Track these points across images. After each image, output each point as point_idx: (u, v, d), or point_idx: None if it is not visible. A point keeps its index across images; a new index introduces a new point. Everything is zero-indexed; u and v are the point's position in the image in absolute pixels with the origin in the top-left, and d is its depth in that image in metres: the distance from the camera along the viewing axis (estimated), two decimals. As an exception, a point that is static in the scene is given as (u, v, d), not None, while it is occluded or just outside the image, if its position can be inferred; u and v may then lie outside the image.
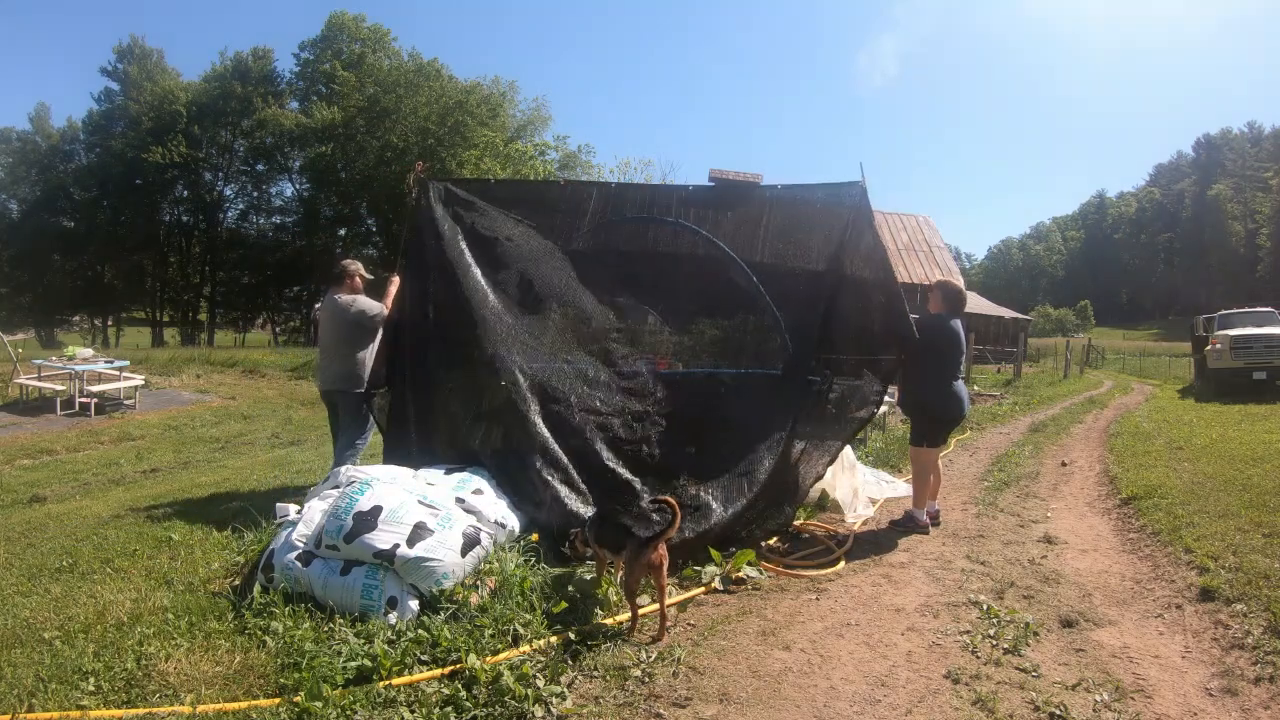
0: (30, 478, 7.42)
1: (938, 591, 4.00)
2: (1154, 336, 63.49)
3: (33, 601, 3.62)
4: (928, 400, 5.18)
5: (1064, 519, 5.61)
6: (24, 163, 41.61)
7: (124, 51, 42.99)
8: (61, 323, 44.09)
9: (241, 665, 2.91)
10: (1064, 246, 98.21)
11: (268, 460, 8.19)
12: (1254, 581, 3.88)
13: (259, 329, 47.88)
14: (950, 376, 5.13)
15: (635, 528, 3.40)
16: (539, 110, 42.00)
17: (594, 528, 3.64)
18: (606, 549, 3.56)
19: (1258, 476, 6.22)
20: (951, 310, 5.28)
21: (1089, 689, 2.93)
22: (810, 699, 2.85)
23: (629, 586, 3.33)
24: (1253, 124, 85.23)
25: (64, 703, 2.66)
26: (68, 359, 11.92)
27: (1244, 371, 13.69)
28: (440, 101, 38.67)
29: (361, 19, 44.74)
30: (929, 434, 5.26)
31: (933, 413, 5.22)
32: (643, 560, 3.26)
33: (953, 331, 5.17)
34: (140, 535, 4.71)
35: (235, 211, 46.23)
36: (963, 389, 5.26)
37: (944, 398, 5.10)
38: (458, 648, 2.97)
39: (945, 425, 5.48)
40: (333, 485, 4.19)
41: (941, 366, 5.09)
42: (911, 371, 5.11)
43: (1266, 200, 69.74)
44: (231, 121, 42.98)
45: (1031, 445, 9.03)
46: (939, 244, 23.80)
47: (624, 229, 5.54)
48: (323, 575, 3.46)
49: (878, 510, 5.75)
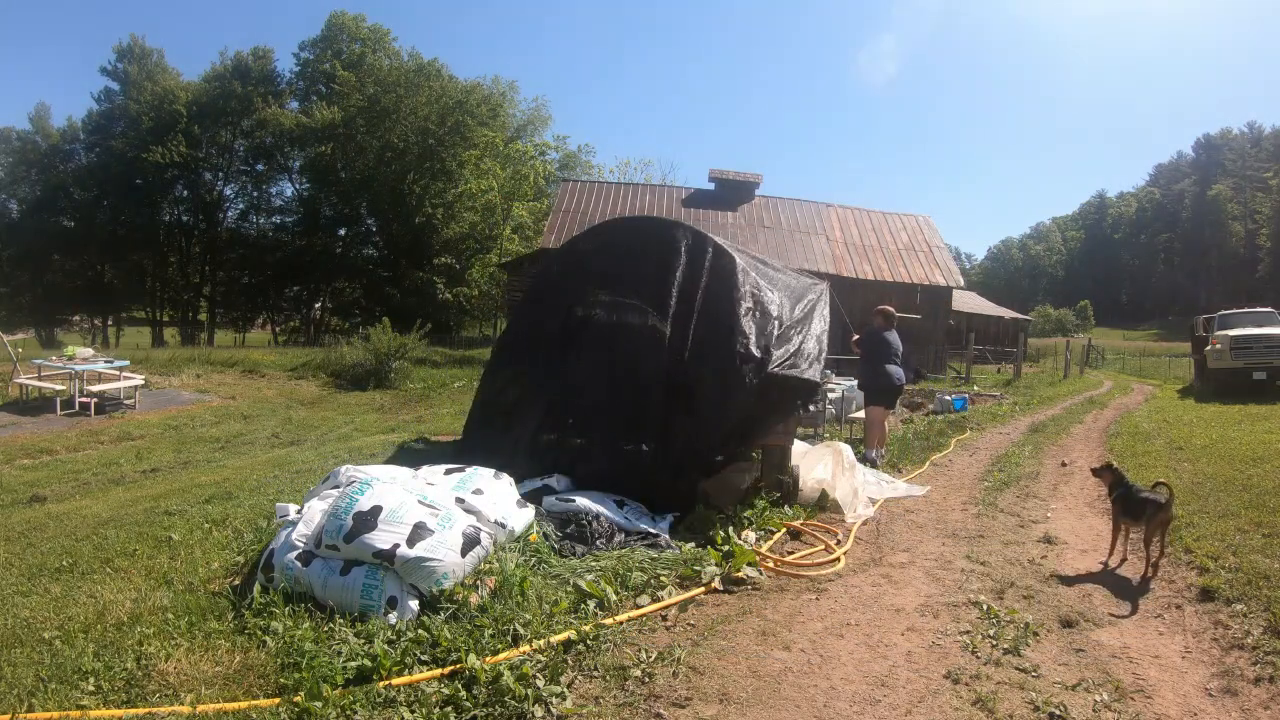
0: (30, 477, 7.43)
1: (938, 591, 4.00)
2: (1154, 336, 63.43)
3: (33, 601, 3.62)
4: (868, 378, 7.94)
5: (1064, 519, 5.61)
6: (24, 163, 41.54)
7: (124, 51, 42.94)
8: (61, 323, 44.01)
9: (241, 665, 2.91)
10: (1064, 246, 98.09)
11: (268, 460, 8.19)
12: (1254, 581, 3.88)
13: (259, 329, 47.85)
14: (883, 363, 7.76)
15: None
16: (539, 110, 42.16)
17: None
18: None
19: (1258, 476, 6.22)
20: (886, 325, 7.97)
21: (1089, 689, 2.93)
22: (810, 699, 2.85)
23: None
24: (1253, 124, 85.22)
25: (64, 703, 2.66)
26: (68, 359, 11.91)
27: (1244, 371, 13.68)
28: (440, 101, 38.71)
29: (361, 19, 44.84)
30: (874, 398, 7.88)
31: (873, 385, 7.88)
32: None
33: (882, 338, 7.88)
34: (140, 535, 4.71)
35: (235, 211, 46.26)
36: (896, 370, 7.82)
37: (878, 376, 7.80)
38: (458, 648, 2.97)
39: (885, 393, 7.89)
40: (333, 485, 4.19)
41: (876, 359, 7.81)
42: (860, 363, 8.16)
43: (1266, 200, 69.63)
44: (231, 121, 42.94)
45: (1031, 445, 9.03)
46: (939, 244, 23.79)
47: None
48: (323, 575, 3.46)
49: (878, 510, 5.75)
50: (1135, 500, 4.30)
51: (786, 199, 25.14)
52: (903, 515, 5.71)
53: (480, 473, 4.44)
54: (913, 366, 17.69)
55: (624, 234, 6.53)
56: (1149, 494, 4.28)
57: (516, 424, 5.72)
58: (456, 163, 37.84)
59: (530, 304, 6.69)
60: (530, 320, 6.33)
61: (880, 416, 7.82)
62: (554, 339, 5.82)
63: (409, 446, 8.11)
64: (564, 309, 5.93)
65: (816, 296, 6.50)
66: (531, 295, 6.91)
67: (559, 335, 5.82)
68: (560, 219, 22.78)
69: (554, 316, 5.97)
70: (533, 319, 6.30)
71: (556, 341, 5.80)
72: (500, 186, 32.77)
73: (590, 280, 5.88)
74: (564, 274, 6.26)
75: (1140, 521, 4.27)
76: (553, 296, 6.22)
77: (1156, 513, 4.15)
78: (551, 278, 6.63)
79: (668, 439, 5.23)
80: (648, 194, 25.41)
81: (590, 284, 5.86)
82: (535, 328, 6.12)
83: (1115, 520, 4.52)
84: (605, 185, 26.83)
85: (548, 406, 5.62)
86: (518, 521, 4.17)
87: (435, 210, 39.65)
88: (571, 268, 6.20)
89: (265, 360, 17.80)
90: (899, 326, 8.26)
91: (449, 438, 8.30)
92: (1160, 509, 4.14)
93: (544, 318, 6.10)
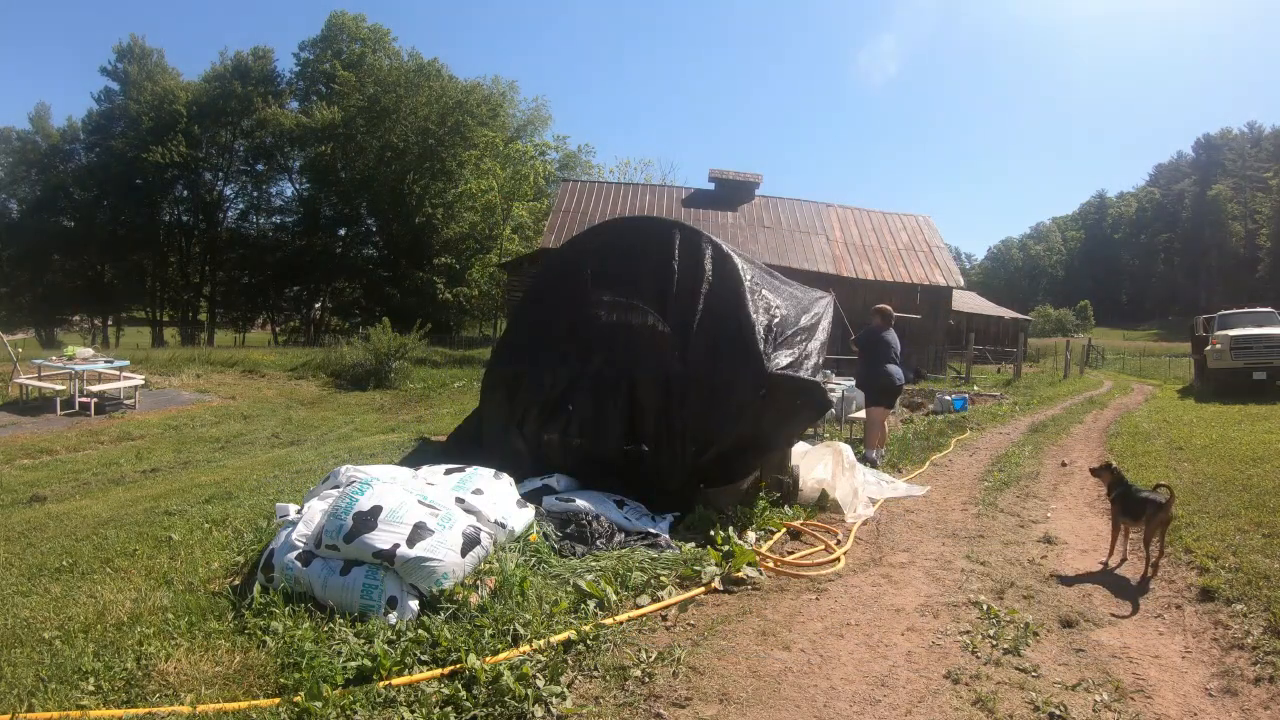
0: (30, 477, 7.43)
1: (938, 591, 4.00)
2: (1154, 336, 63.41)
3: (33, 601, 3.62)
4: (868, 378, 7.88)
5: (1064, 519, 5.61)
6: (24, 163, 41.55)
7: (124, 51, 42.95)
8: (61, 323, 44.02)
9: (241, 665, 2.91)
10: (1064, 246, 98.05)
11: (268, 460, 8.19)
12: (1254, 581, 3.88)
13: (259, 329, 47.85)
14: (882, 363, 7.74)
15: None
16: (539, 110, 42.15)
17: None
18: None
19: (1258, 476, 6.22)
20: (884, 324, 7.93)
21: (1089, 689, 2.93)
22: (810, 699, 2.85)
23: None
24: (1253, 124, 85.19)
25: (64, 703, 2.66)
26: (68, 359, 11.91)
27: (1244, 371, 13.67)
28: (440, 101, 38.70)
29: (361, 19, 44.86)
30: (874, 398, 7.83)
31: (872, 385, 7.82)
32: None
33: (879, 338, 7.85)
34: (140, 535, 4.71)
35: (235, 211, 46.28)
36: (895, 369, 7.78)
37: (877, 376, 7.76)
38: (458, 648, 2.97)
39: (885, 392, 7.86)
40: (333, 485, 4.19)
41: (875, 358, 7.80)
42: (859, 363, 8.14)
43: (1266, 200, 69.62)
44: (231, 121, 42.94)
45: (1031, 445, 9.03)
46: (939, 244, 23.79)
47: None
48: (323, 575, 3.46)
49: (878, 510, 5.75)
50: (1134, 500, 4.30)
51: (786, 199, 25.14)
52: (903, 515, 5.71)
53: (480, 473, 4.44)
54: (912, 366, 17.70)
55: (624, 234, 6.52)
56: (1148, 494, 4.28)
57: (516, 424, 5.72)
58: (456, 163, 37.84)
59: (530, 304, 6.68)
60: (530, 320, 6.33)
61: (880, 416, 7.82)
62: (554, 339, 5.82)
63: (409, 446, 8.11)
64: (564, 309, 5.93)
65: (822, 310, 6.41)
66: (532, 295, 6.90)
67: (559, 335, 5.81)
68: (560, 219, 22.78)
69: (554, 316, 5.97)
70: (533, 319, 6.30)
71: (557, 341, 5.79)
72: (500, 186, 32.78)
73: (590, 280, 5.88)
74: (564, 274, 6.25)
75: (1140, 521, 4.27)
76: (553, 296, 6.22)
77: (1156, 513, 4.15)
78: (552, 278, 6.63)
79: (668, 439, 5.23)
80: (648, 194, 25.40)
81: (590, 284, 5.85)
82: (535, 328, 6.12)
83: (1114, 520, 4.52)
84: (605, 185, 26.83)
85: (548, 406, 5.62)
86: (518, 521, 4.17)
87: (435, 210, 39.65)
88: (572, 268, 6.19)
89: (265, 360, 17.80)
90: (898, 326, 8.23)
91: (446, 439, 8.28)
92: (1160, 509, 4.14)
93: (544, 318, 6.09)
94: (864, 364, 7.95)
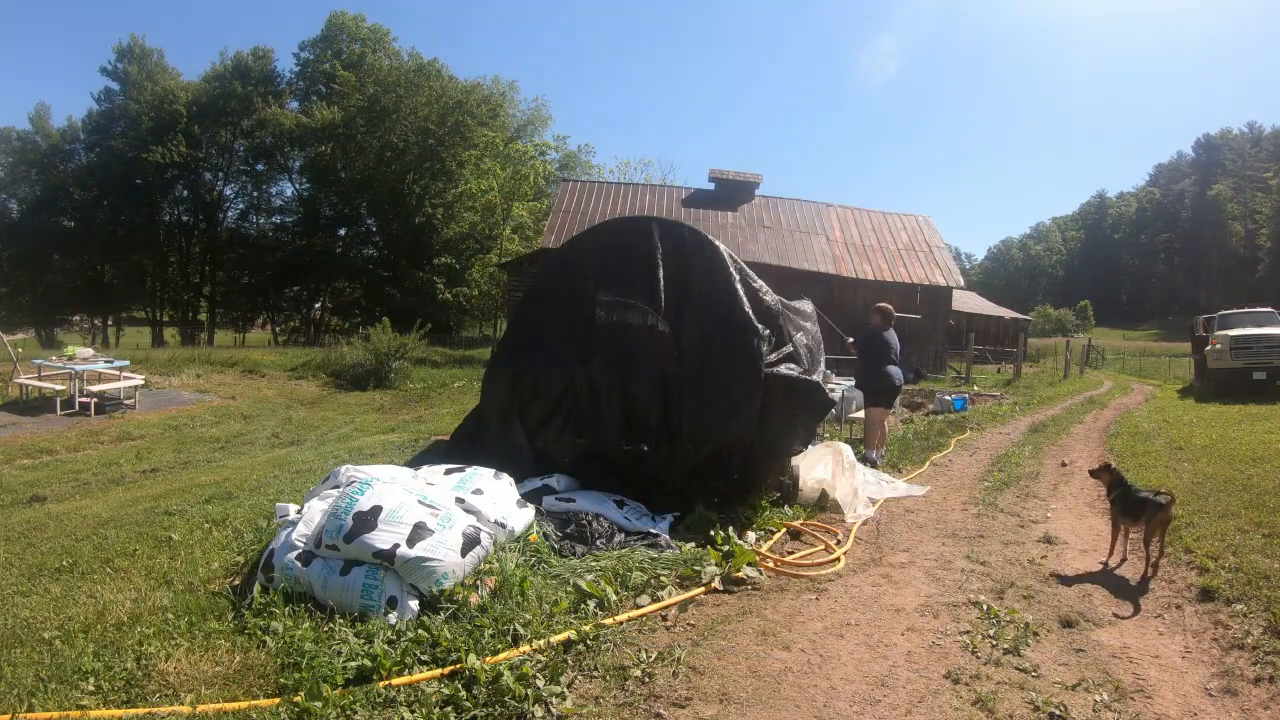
0: (30, 477, 7.42)
1: (938, 591, 4.00)
2: (1154, 336, 63.38)
3: (33, 601, 3.62)
4: (867, 378, 7.85)
5: (1064, 519, 5.61)
6: (24, 163, 41.53)
7: (124, 51, 42.94)
8: (61, 323, 44.01)
9: (241, 665, 2.91)
10: (1064, 246, 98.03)
11: (268, 460, 8.19)
12: (1254, 581, 3.88)
13: (259, 329, 47.84)
14: (882, 363, 7.70)
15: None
16: (539, 110, 42.15)
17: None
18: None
19: (1258, 476, 6.22)
20: (884, 324, 7.88)
21: (1089, 689, 2.93)
22: (810, 699, 2.85)
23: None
24: (1253, 124, 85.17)
25: (64, 703, 2.66)
26: (68, 359, 11.90)
27: (1244, 371, 13.67)
28: (440, 101, 38.70)
29: (361, 19, 44.85)
30: (874, 398, 7.79)
31: (872, 385, 7.78)
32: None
33: (880, 338, 7.80)
34: (140, 535, 4.71)
35: (235, 211, 46.26)
36: (895, 369, 7.75)
37: (876, 376, 7.71)
38: (458, 648, 2.97)
39: (884, 393, 7.82)
40: (333, 485, 4.19)
41: (874, 358, 7.75)
42: (858, 363, 8.10)
43: (1266, 200, 69.59)
44: (231, 121, 42.93)
45: (1031, 445, 9.03)
46: (939, 244, 23.79)
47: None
48: (323, 575, 3.46)
49: (878, 510, 5.75)
50: (1134, 500, 4.30)
51: (786, 199, 25.14)
52: (903, 515, 5.71)
53: (480, 473, 4.44)
54: (912, 366, 17.70)
55: (623, 234, 6.52)
56: (1147, 494, 4.28)
57: (517, 423, 5.72)
58: (456, 163, 37.83)
59: (531, 304, 6.68)
60: (531, 320, 6.33)
61: (880, 416, 7.82)
62: (554, 339, 5.82)
63: (410, 446, 8.11)
64: (564, 309, 5.93)
65: (811, 310, 6.80)
66: (532, 295, 6.90)
67: (559, 335, 5.82)
68: (560, 219, 22.78)
69: (554, 316, 5.97)
70: (533, 319, 6.30)
71: (557, 341, 5.80)
72: (500, 186, 32.76)
73: (590, 280, 5.88)
74: (564, 274, 6.26)
75: (1139, 521, 4.27)
76: (553, 296, 6.22)
77: (1156, 513, 4.15)
78: (551, 278, 6.63)
79: (668, 439, 5.23)
80: (648, 194, 25.41)
81: (590, 284, 5.85)
82: (535, 328, 6.12)
83: (1114, 520, 4.52)
84: (605, 185, 26.83)
85: (548, 406, 5.63)
86: (518, 521, 4.17)
87: (435, 210, 39.65)
88: (571, 268, 6.20)
89: (265, 360, 17.79)
90: (898, 326, 8.21)
91: (449, 438, 8.28)
92: (1160, 509, 4.14)
93: (544, 318, 6.09)
94: (864, 364, 7.93)
